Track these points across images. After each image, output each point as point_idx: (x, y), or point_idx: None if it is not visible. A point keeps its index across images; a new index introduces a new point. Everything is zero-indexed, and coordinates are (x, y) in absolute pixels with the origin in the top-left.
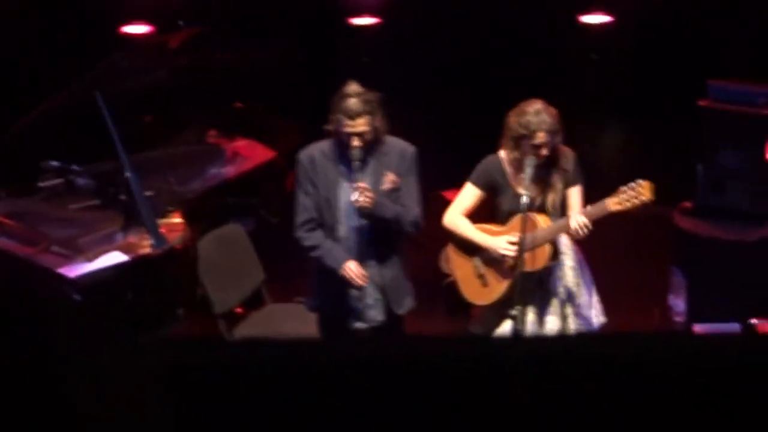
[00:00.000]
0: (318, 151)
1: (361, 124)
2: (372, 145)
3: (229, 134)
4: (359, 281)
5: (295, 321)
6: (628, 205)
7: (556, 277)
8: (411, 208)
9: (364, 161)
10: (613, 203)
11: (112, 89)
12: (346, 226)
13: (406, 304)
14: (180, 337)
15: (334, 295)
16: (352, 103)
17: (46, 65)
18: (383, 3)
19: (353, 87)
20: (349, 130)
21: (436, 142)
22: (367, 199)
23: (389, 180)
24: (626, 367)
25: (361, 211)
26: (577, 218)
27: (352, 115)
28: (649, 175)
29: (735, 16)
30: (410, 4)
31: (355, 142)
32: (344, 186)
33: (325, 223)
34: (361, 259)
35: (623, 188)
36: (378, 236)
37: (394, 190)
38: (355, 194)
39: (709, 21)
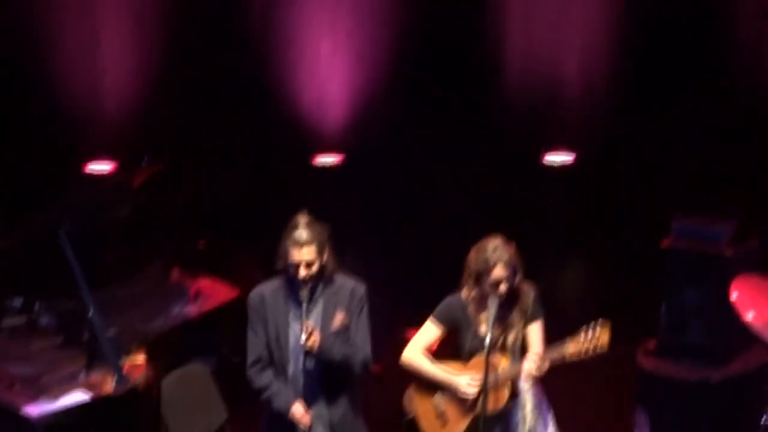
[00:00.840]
0: (269, 290)
1: (307, 253)
2: (321, 282)
3: (192, 272)
4: (304, 426)
5: None
6: (586, 346)
7: (516, 415)
8: (361, 348)
9: (313, 299)
10: (571, 345)
11: (75, 226)
12: (295, 365)
13: None
14: None
15: None
16: (300, 231)
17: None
18: (347, 140)
19: (302, 217)
20: (296, 258)
21: (400, 281)
22: (314, 340)
23: (339, 319)
24: None
25: (309, 351)
26: (532, 362)
27: (300, 244)
28: (613, 313)
29: (698, 152)
30: (375, 142)
31: (302, 272)
32: (293, 325)
33: (275, 362)
34: (310, 399)
35: (582, 329)
36: (327, 376)
37: (344, 329)
38: (302, 335)
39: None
